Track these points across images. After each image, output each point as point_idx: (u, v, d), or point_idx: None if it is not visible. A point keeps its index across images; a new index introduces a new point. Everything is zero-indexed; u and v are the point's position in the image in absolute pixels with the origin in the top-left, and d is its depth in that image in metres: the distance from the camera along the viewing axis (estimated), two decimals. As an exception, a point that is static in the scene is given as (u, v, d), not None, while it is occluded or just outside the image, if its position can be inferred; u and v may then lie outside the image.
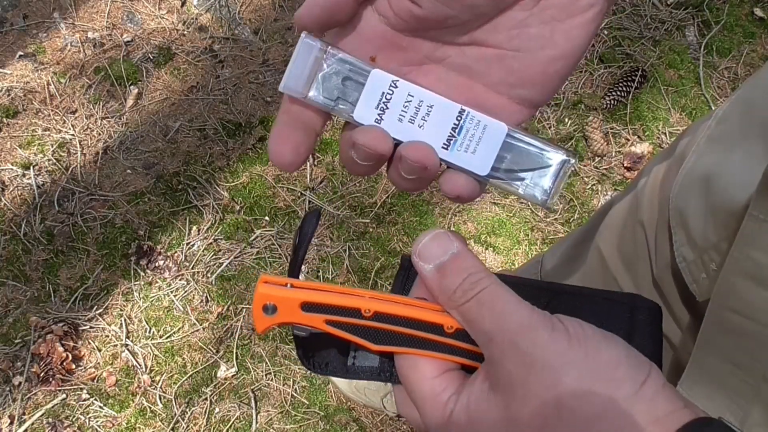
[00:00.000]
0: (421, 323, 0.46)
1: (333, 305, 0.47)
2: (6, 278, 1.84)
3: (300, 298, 0.47)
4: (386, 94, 0.47)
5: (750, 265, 0.61)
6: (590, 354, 0.41)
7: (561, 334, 0.42)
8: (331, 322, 0.47)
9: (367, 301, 0.47)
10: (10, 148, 1.99)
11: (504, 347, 0.42)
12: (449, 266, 0.45)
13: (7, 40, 2.12)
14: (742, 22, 2.29)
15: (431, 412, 0.45)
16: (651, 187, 0.87)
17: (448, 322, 0.46)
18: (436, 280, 0.45)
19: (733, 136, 0.73)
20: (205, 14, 2.20)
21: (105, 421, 1.73)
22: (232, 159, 2.00)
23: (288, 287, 0.47)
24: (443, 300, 0.45)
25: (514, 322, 0.42)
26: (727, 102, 0.77)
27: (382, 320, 0.47)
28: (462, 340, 0.46)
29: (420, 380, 0.46)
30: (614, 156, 2.09)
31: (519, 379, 0.41)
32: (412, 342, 0.47)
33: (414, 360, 0.47)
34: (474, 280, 0.44)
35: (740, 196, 0.65)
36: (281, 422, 1.76)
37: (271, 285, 0.47)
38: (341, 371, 0.53)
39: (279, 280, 0.48)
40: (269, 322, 0.48)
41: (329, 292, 0.47)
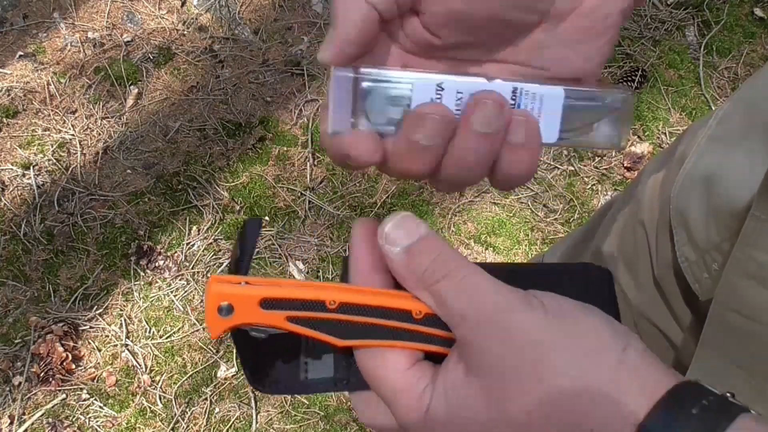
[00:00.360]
0: (389, 311, 0.44)
1: (295, 299, 0.43)
2: (6, 278, 1.84)
3: (259, 294, 0.43)
4: (435, 99, 0.45)
5: (752, 266, 0.61)
6: (570, 327, 0.40)
7: (538, 310, 0.41)
8: (293, 319, 0.44)
9: (331, 292, 0.44)
10: (10, 148, 1.99)
11: (480, 326, 0.41)
12: (418, 247, 0.43)
13: (7, 40, 2.12)
14: (742, 22, 2.30)
15: (406, 406, 0.43)
16: (651, 187, 0.87)
17: (417, 307, 0.43)
18: (404, 262, 0.43)
19: (734, 136, 0.73)
20: (205, 14, 2.20)
21: (105, 421, 1.73)
22: (232, 159, 2.00)
23: (243, 285, 0.43)
24: (412, 282, 0.43)
25: (490, 301, 0.41)
26: (727, 102, 0.77)
27: (349, 311, 0.44)
28: (431, 325, 0.43)
29: (390, 374, 0.44)
30: (614, 156, 2.09)
31: (499, 359, 0.40)
32: (380, 333, 0.44)
33: (381, 354, 0.44)
34: (445, 258, 0.43)
35: (742, 196, 0.65)
36: (281, 422, 1.76)
37: (224, 284, 0.43)
38: (296, 387, 0.49)
39: (232, 278, 0.44)
40: (225, 324, 0.43)
41: (290, 285, 0.44)
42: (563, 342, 0.40)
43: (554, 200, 2.03)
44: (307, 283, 0.44)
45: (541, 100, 0.46)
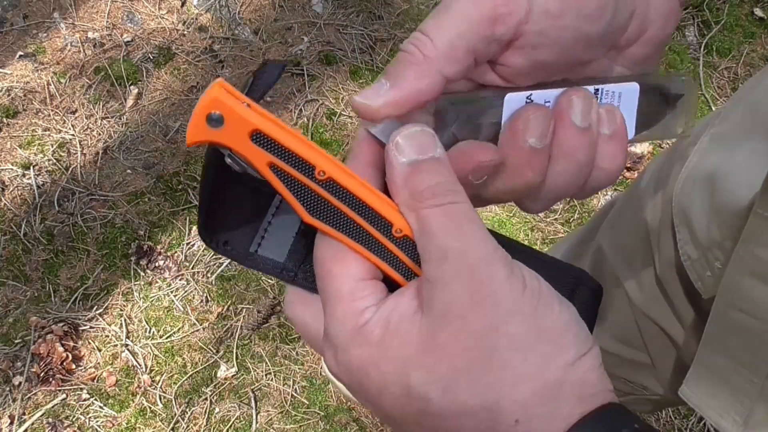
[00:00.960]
0: (372, 212, 0.40)
1: (287, 148, 0.39)
2: (6, 278, 1.84)
3: (255, 123, 0.38)
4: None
5: (755, 263, 0.61)
6: (540, 310, 0.38)
7: (518, 279, 0.39)
8: (275, 167, 0.39)
9: (326, 161, 0.39)
10: (10, 148, 1.98)
11: (458, 269, 0.38)
12: (426, 165, 0.40)
13: (7, 40, 2.12)
14: (742, 22, 2.30)
15: (342, 316, 0.40)
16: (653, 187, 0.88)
17: (400, 223, 0.40)
18: (405, 174, 0.40)
19: (736, 135, 0.73)
20: (205, 14, 2.20)
21: (105, 421, 1.73)
22: (232, 159, 2.00)
23: (246, 106, 0.39)
24: (405, 196, 0.40)
25: (477, 248, 0.38)
26: (729, 102, 0.77)
27: (333, 190, 0.40)
28: (405, 249, 0.41)
29: (342, 276, 0.40)
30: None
31: (459, 308, 0.38)
32: (352, 230, 0.40)
33: (342, 252, 0.41)
34: (448, 188, 0.39)
35: (745, 194, 0.65)
36: (281, 422, 1.75)
37: (228, 94, 0.38)
38: (240, 256, 0.45)
39: (238, 94, 0.39)
40: (208, 135, 0.39)
41: (290, 133, 0.39)
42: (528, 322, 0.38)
43: (554, 200, 2.03)
44: (310, 143, 0.40)
45: (620, 97, 0.46)
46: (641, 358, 0.93)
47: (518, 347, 0.38)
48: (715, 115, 0.78)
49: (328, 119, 2.08)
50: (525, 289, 0.39)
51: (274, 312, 1.84)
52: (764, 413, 0.66)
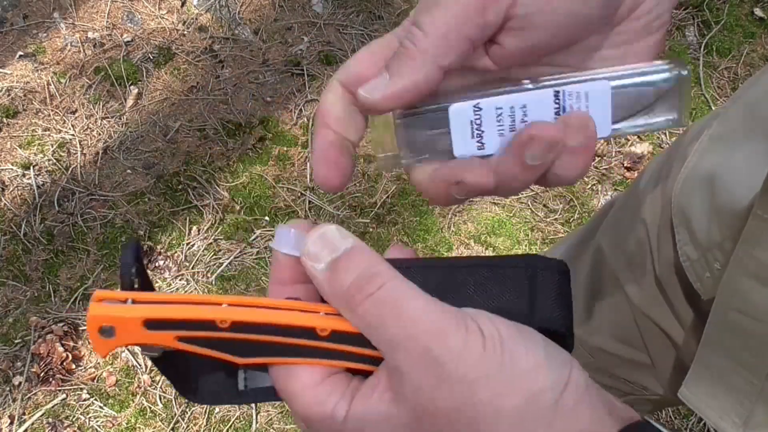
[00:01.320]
0: (290, 328, 0.40)
1: (181, 319, 0.40)
2: (6, 278, 1.84)
3: (141, 315, 0.39)
4: (474, 120, 0.44)
5: (754, 265, 0.61)
6: (506, 361, 0.37)
7: (475, 337, 0.37)
8: (183, 339, 0.40)
9: (222, 310, 0.40)
10: (10, 148, 1.98)
11: (413, 357, 0.37)
12: (342, 263, 0.39)
13: (7, 40, 2.12)
14: (742, 22, 2.30)
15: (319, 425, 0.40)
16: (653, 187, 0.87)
17: (321, 323, 0.40)
18: (328, 280, 0.40)
19: (736, 135, 0.73)
20: (205, 14, 2.20)
21: (105, 421, 1.73)
22: (232, 159, 2.00)
23: (128, 303, 0.40)
24: (338, 304, 0.40)
25: (422, 329, 0.37)
26: (729, 101, 0.77)
27: (243, 330, 0.40)
28: (338, 342, 0.40)
29: (300, 391, 0.41)
30: (614, 156, 2.09)
31: (428, 395, 0.37)
32: (283, 351, 0.41)
33: (289, 370, 0.41)
34: (370, 273, 0.39)
35: (744, 195, 0.65)
36: (281, 422, 1.76)
37: (105, 304, 0.40)
38: (235, 398, 0.46)
39: (117, 295, 0.40)
40: (109, 345, 0.40)
41: (178, 303, 0.40)
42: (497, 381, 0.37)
43: (554, 200, 2.03)
44: (200, 298, 0.41)
45: (587, 97, 0.44)
46: (641, 358, 0.93)
47: (494, 410, 0.37)
48: (714, 115, 0.77)
49: (328, 119, 2.08)
50: (485, 344, 0.38)
51: (274, 312, 1.84)
52: (764, 414, 0.66)
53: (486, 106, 0.44)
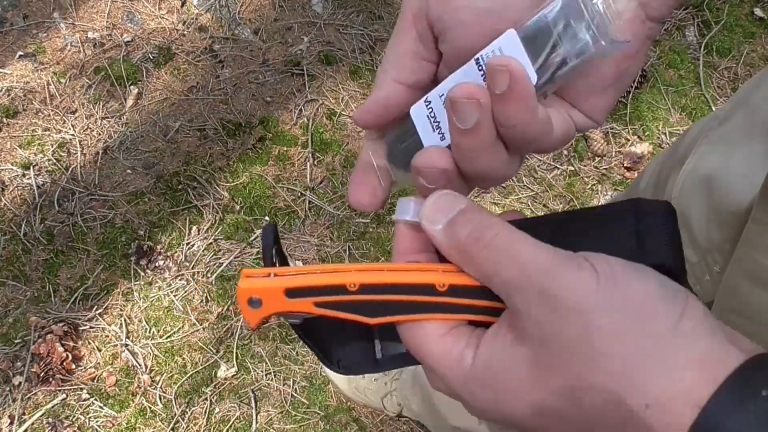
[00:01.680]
0: (411, 287, 0.44)
1: (316, 286, 0.45)
2: (6, 278, 1.84)
3: (282, 285, 0.45)
4: (430, 115, 0.47)
5: (753, 268, 0.61)
6: (621, 291, 0.39)
7: (588, 273, 0.39)
8: (319, 304, 0.45)
9: (350, 275, 0.45)
10: (10, 148, 1.99)
11: (530, 295, 0.39)
12: (458, 220, 0.43)
13: (7, 40, 2.12)
14: (742, 22, 2.30)
15: (448, 372, 0.43)
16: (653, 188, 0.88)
17: (439, 280, 0.43)
18: (446, 237, 0.43)
19: (734, 137, 0.73)
20: (205, 14, 2.20)
21: (105, 421, 1.73)
22: (232, 159, 2.00)
23: (271, 277, 0.46)
24: (457, 257, 0.43)
25: (537, 267, 0.40)
26: (728, 104, 0.77)
27: (370, 292, 0.44)
28: (458, 296, 0.44)
29: (427, 343, 0.44)
30: (614, 156, 2.09)
31: (548, 327, 0.39)
32: (407, 308, 0.44)
33: (416, 325, 0.45)
34: (484, 225, 0.42)
35: (743, 198, 0.65)
36: (281, 422, 1.76)
37: (252, 278, 0.46)
38: (372, 367, 0.52)
39: (261, 271, 0.46)
40: (258, 315, 0.46)
41: (311, 273, 0.46)
42: (613, 308, 0.38)
43: (554, 200, 2.03)
44: (330, 268, 0.45)
45: (501, 51, 0.45)
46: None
47: (612, 337, 0.38)
48: (713, 117, 0.78)
49: (328, 119, 2.08)
50: (599, 278, 0.39)
51: (274, 312, 1.84)
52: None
53: (432, 98, 0.47)
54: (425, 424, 1.70)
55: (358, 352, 0.52)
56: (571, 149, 2.09)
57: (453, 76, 0.46)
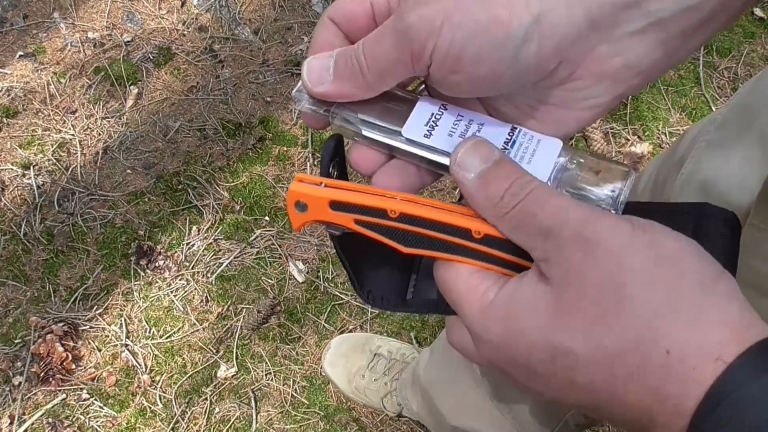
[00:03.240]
0: (448, 227, 0.45)
1: (360, 205, 0.46)
2: (6, 278, 1.84)
3: (328, 196, 0.47)
4: (435, 115, 0.48)
5: (750, 274, 0.61)
6: (656, 242, 0.38)
7: (624, 223, 0.39)
8: (359, 222, 0.47)
9: (394, 203, 0.46)
10: (10, 148, 1.99)
11: (563, 239, 0.39)
12: (493, 172, 0.43)
13: (7, 40, 2.12)
14: (742, 22, 2.29)
15: (468, 306, 0.44)
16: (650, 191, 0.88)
17: (476, 226, 0.44)
18: (478, 187, 0.43)
19: (731, 141, 0.73)
20: (205, 14, 2.20)
21: (105, 421, 1.73)
22: (232, 159, 2.00)
23: (321, 186, 0.47)
24: (487, 209, 0.43)
25: (573, 215, 0.39)
26: (725, 107, 0.77)
27: (408, 222, 0.46)
28: (491, 246, 0.44)
29: (455, 278, 0.45)
30: (614, 156, 2.09)
31: (577, 268, 0.38)
32: (441, 246, 0.45)
33: (447, 263, 0.46)
34: (522, 182, 0.42)
35: (739, 201, 0.65)
36: (281, 422, 1.76)
37: (303, 183, 0.47)
38: (399, 305, 0.53)
39: (313, 179, 0.48)
40: (302, 219, 0.48)
41: (358, 192, 0.47)
42: (644, 254, 0.38)
43: (554, 200, 2.03)
44: (374, 190, 0.47)
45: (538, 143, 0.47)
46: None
47: (640, 281, 0.37)
48: (711, 120, 0.77)
49: (328, 119, 2.08)
50: (634, 227, 0.39)
51: (274, 312, 1.84)
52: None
53: (451, 108, 0.49)
54: (425, 424, 1.70)
55: (390, 286, 0.53)
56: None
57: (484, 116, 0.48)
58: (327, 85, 0.47)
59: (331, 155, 0.49)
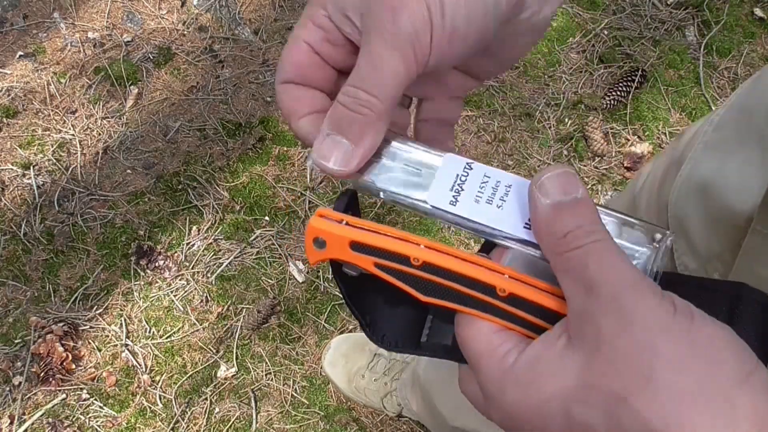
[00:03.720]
0: (473, 281, 0.43)
1: (382, 249, 0.45)
2: (6, 278, 1.84)
3: (349, 236, 0.45)
4: (460, 176, 0.47)
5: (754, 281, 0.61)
6: (695, 329, 0.37)
7: (668, 303, 0.38)
8: (379, 266, 0.45)
9: (418, 250, 0.44)
10: (10, 148, 1.99)
11: (603, 299, 0.38)
12: (568, 208, 0.41)
13: (7, 40, 2.12)
14: (742, 22, 2.29)
15: (487, 366, 0.42)
16: (649, 190, 0.87)
17: (502, 284, 0.43)
18: (549, 217, 0.42)
19: (729, 143, 0.72)
20: (205, 14, 2.20)
21: (105, 421, 1.73)
22: (232, 159, 2.00)
23: (342, 224, 0.45)
24: (547, 240, 0.42)
25: (622, 277, 0.38)
26: (723, 108, 0.77)
27: (431, 272, 0.44)
28: (515, 306, 0.43)
29: (476, 335, 0.43)
30: (614, 156, 2.09)
31: (609, 335, 0.37)
32: (462, 299, 0.44)
33: (468, 317, 0.44)
34: (590, 229, 0.40)
35: (740, 205, 0.65)
36: (281, 422, 1.76)
37: (324, 219, 0.46)
38: (413, 347, 0.51)
39: (335, 214, 0.46)
40: (319, 255, 0.46)
41: (382, 234, 0.45)
42: (681, 341, 0.37)
43: (554, 200, 2.03)
44: (401, 234, 0.45)
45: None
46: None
47: (674, 366, 0.36)
48: (708, 121, 0.77)
49: (328, 119, 2.08)
50: (675, 312, 0.38)
51: (274, 312, 1.85)
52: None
53: (477, 168, 0.47)
54: (425, 424, 1.70)
55: (404, 329, 0.51)
56: (571, 149, 2.09)
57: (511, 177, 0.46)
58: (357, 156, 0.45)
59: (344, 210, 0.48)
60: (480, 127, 2.10)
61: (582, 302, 0.39)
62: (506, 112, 2.12)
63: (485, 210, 0.46)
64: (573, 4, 2.30)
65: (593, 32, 2.25)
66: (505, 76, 2.17)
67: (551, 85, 2.17)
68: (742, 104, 0.73)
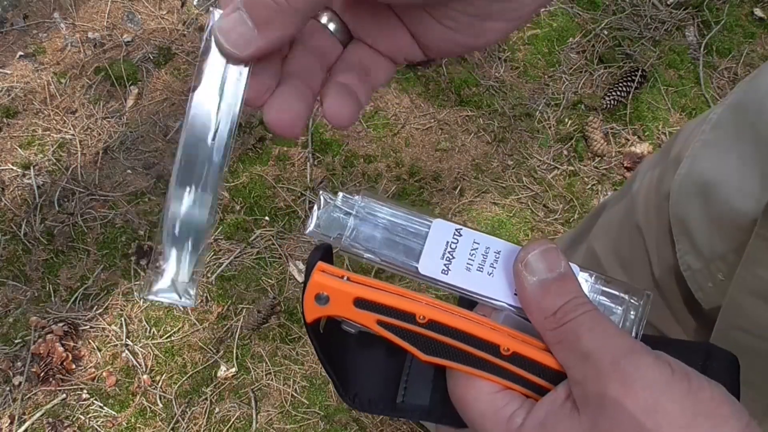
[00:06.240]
0: (477, 340, 0.43)
1: (387, 305, 0.44)
2: (6, 278, 1.84)
3: (355, 293, 0.44)
4: (450, 244, 0.47)
5: (758, 284, 0.61)
6: (693, 388, 0.39)
7: (664, 364, 0.39)
8: (382, 323, 0.45)
9: (423, 307, 0.44)
10: (10, 148, 1.99)
11: (602, 365, 0.39)
12: (554, 285, 0.43)
13: (7, 40, 2.12)
14: (742, 22, 2.30)
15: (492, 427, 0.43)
16: (646, 190, 0.87)
17: (506, 342, 0.43)
18: (538, 296, 0.43)
19: (727, 141, 0.72)
20: (206, 14, 2.20)
21: (105, 421, 1.73)
22: (231, 159, 2.00)
23: (344, 280, 0.45)
24: (537, 317, 0.43)
25: (617, 344, 0.40)
26: (720, 106, 0.77)
27: (436, 329, 0.44)
28: (518, 365, 0.43)
29: (478, 395, 0.44)
30: (614, 156, 2.09)
31: (614, 398, 0.38)
32: (465, 358, 0.44)
33: (468, 378, 0.44)
34: (578, 303, 0.42)
35: (742, 205, 0.65)
36: (281, 422, 1.76)
37: (327, 275, 0.45)
38: (389, 409, 0.50)
39: (336, 270, 0.46)
40: (320, 312, 0.45)
41: (386, 291, 0.45)
42: (683, 399, 0.38)
43: (554, 200, 2.03)
44: (404, 292, 0.45)
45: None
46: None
47: (680, 424, 0.37)
48: (705, 120, 0.77)
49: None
50: (674, 372, 0.39)
51: (274, 312, 1.84)
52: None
53: (466, 234, 0.48)
54: (425, 424, 1.70)
55: (378, 388, 0.50)
56: (571, 149, 2.09)
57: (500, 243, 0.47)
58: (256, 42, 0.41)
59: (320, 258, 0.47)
60: (480, 127, 2.10)
61: (581, 370, 0.40)
62: (506, 112, 2.12)
63: (477, 278, 0.46)
64: (573, 4, 2.30)
65: (593, 32, 2.25)
66: (505, 76, 2.17)
67: (551, 85, 2.17)
68: (738, 103, 0.73)
